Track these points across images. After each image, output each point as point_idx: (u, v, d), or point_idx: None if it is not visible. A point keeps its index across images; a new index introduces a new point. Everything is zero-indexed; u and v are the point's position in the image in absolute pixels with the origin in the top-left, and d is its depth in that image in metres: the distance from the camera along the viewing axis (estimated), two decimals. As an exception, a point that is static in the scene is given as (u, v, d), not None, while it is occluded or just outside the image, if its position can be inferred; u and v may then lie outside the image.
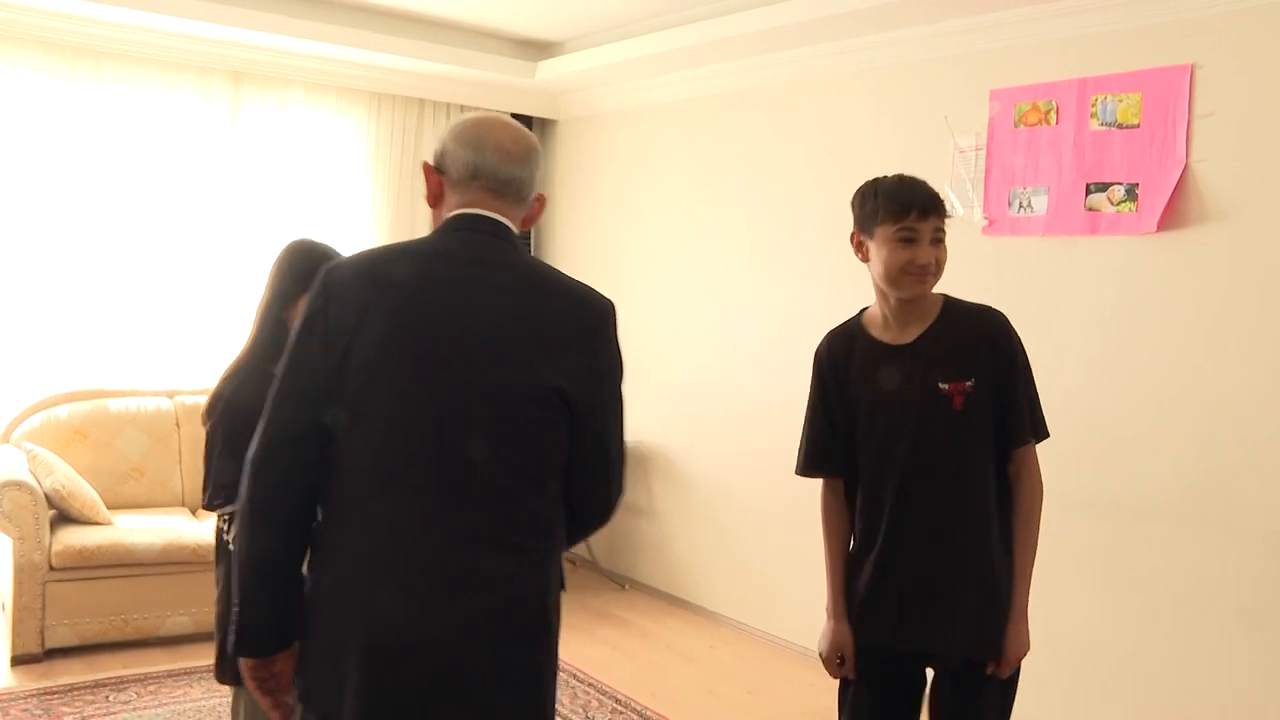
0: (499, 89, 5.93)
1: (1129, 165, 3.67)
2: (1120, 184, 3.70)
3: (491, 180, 1.82)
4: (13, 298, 4.83)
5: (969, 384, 2.23)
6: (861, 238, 2.35)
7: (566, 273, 1.90)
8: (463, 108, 5.97)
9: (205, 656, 3.91)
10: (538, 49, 5.72)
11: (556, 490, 1.82)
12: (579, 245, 6.20)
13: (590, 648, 4.76)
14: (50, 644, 4.23)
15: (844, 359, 2.41)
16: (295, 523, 1.76)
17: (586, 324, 1.83)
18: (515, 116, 6.03)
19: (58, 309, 4.93)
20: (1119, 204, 3.71)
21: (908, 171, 2.29)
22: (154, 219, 5.11)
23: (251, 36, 4.99)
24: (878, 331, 2.37)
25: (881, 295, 2.36)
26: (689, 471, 5.42)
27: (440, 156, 1.87)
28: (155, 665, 4.20)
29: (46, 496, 4.29)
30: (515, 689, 1.75)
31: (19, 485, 4.19)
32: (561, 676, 4.36)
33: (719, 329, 5.25)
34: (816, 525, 2.54)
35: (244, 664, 1.80)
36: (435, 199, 1.88)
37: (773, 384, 4.94)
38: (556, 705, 1.88)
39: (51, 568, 4.20)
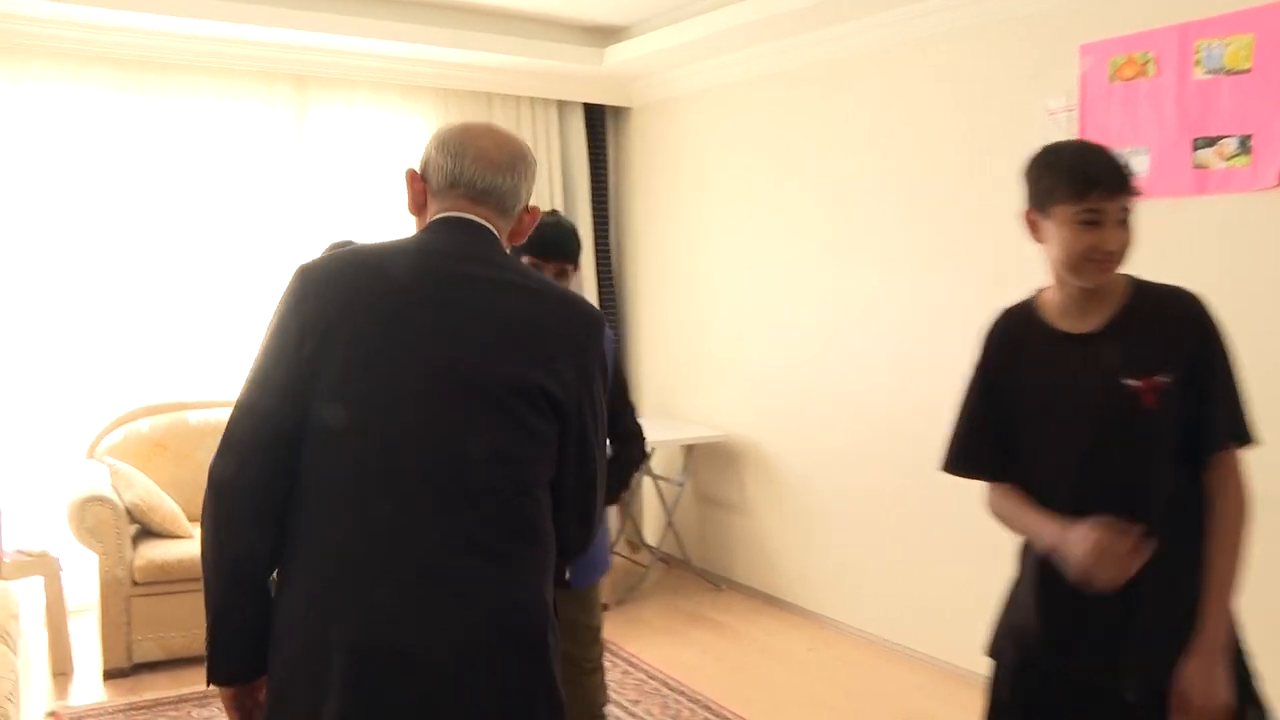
0: (567, 78, 5.78)
1: (1240, 115, 3.34)
2: (1231, 136, 3.37)
3: (469, 189, 1.76)
4: (92, 313, 4.85)
5: (1163, 378, 1.92)
6: (1036, 216, 2.03)
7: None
8: (532, 100, 5.85)
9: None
10: (605, 34, 5.56)
11: (549, 503, 1.72)
12: (656, 235, 6.02)
13: (682, 652, 4.58)
14: (137, 658, 4.23)
15: (1017, 345, 2.13)
16: (267, 524, 1.64)
17: (578, 330, 1.77)
18: (587, 106, 6.02)
19: (136, 323, 4.94)
20: (1231, 158, 3.38)
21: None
22: (225, 229, 5.09)
23: (315, 39, 4.93)
24: (1054, 317, 2.07)
25: (1059, 280, 2.05)
26: (780, 464, 5.20)
27: (424, 164, 1.81)
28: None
29: (128, 511, 4.28)
30: (502, 713, 1.61)
31: (101, 500, 4.20)
32: (651, 684, 4.20)
33: (800, 314, 5.02)
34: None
35: (224, 695, 1.70)
36: (417, 207, 1.82)
37: (858, 371, 4.70)
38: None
39: (135, 582, 4.20)
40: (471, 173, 1.76)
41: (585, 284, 6.02)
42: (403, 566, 1.58)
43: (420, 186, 1.81)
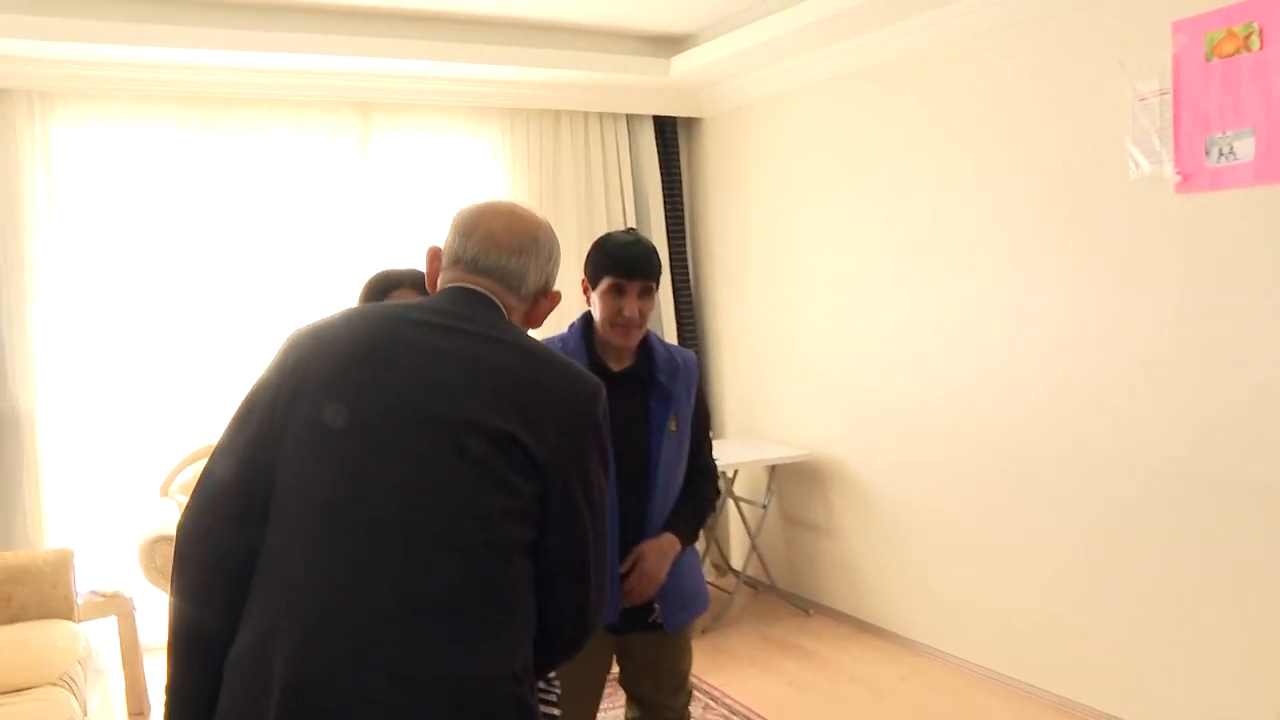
0: (634, 91, 5.64)
1: (1354, 89, 3.03)
2: (1344, 113, 3.06)
3: (471, 265, 1.75)
4: (165, 351, 4.87)
5: None
6: None
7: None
8: (600, 115, 5.72)
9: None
10: (670, 44, 5.40)
11: (528, 569, 1.59)
12: (734, 248, 5.82)
13: (766, 683, 4.37)
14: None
15: None
16: (226, 591, 1.55)
17: (570, 395, 1.66)
18: (657, 118, 5.87)
19: (208, 360, 4.93)
20: (1344, 137, 3.06)
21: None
22: (291, 262, 5.06)
23: (378, 64, 4.88)
24: None
25: None
26: (867, 483, 4.95)
27: (446, 242, 1.82)
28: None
29: (199, 549, 4.24)
30: None
31: (171, 540, 4.15)
32: (732, 719, 4.00)
33: (884, 324, 4.77)
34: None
35: None
36: (431, 283, 1.82)
37: (946, 382, 4.44)
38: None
39: (206, 620, 4.15)
40: (474, 252, 1.75)
41: (662, 301, 5.86)
42: (349, 622, 1.46)
43: (436, 265, 1.81)
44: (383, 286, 2.47)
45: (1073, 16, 3.83)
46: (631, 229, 2.63)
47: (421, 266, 2.10)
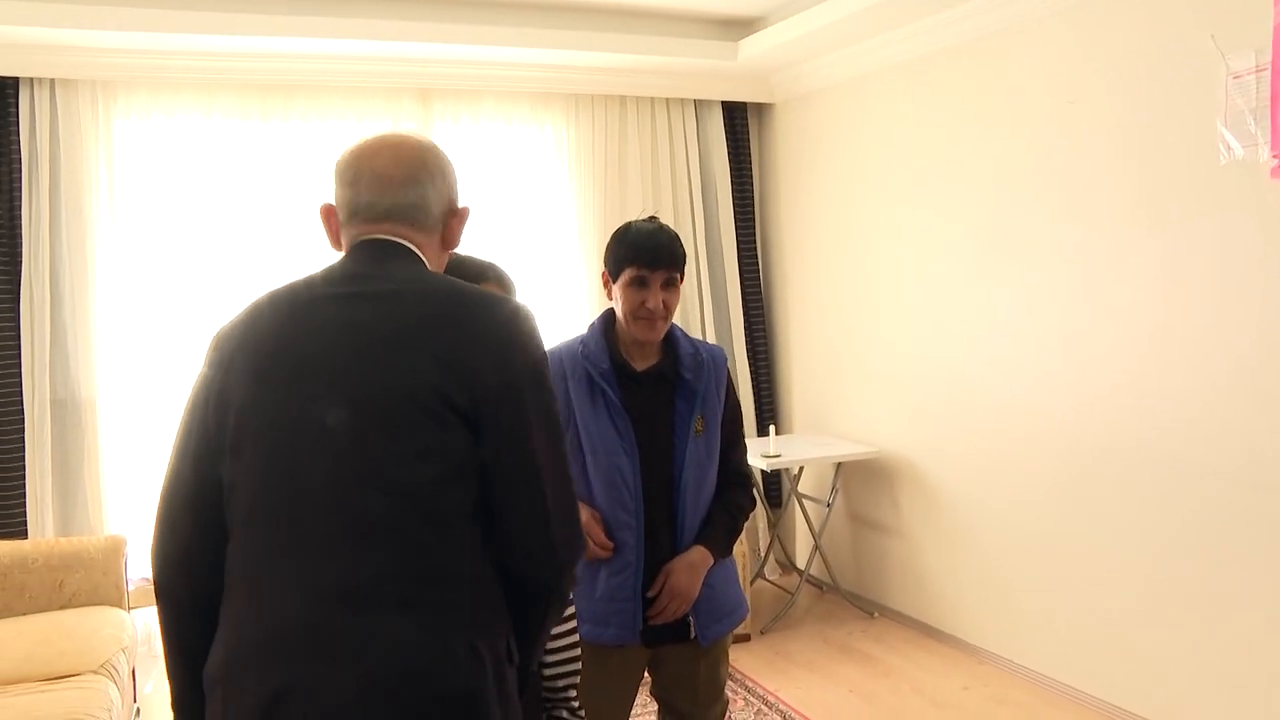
0: (702, 75, 5.49)
1: None
2: None
3: (367, 211, 1.64)
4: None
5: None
6: None
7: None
8: (667, 101, 5.58)
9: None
10: (738, 27, 5.23)
11: (476, 538, 1.50)
12: (804, 238, 5.63)
13: (825, 691, 4.21)
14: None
15: None
16: (202, 608, 1.53)
17: (496, 330, 1.55)
18: (725, 104, 5.71)
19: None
20: None
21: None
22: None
23: (440, 50, 4.79)
24: None
25: None
26: (937, 482, 4.74)
27: (335, 197, 1.71)
28: None
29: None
30: None
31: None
32: (787, 727, 3.86)
33: (958, 318, 4.55)
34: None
35: None
36: (336, 243, 1.72)
37: (1021, 380, 4.22)
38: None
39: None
40: (368, 197, 1.64)
41: (730, 292, 5.70)
42: (298, 621, 1.43)
43: (334, 222, 1.70)
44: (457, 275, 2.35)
45: (1159, -10, 3.58)
46: (653, 216, 2.48)
47: (489, 257, 2.05)
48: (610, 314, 2.45)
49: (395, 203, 1.64)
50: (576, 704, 2.00)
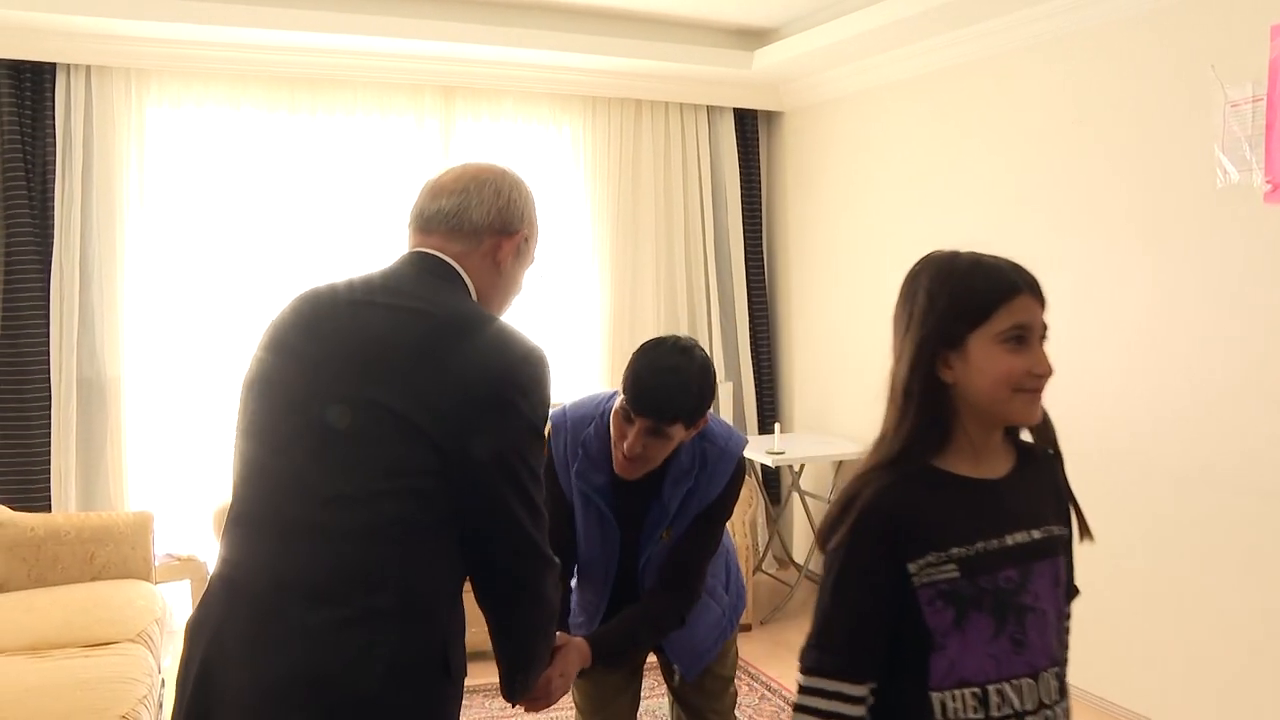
0: (716, 82, 5.65)
1: None
2: None
3: (417, 220, 1.74)
4: (246, 328, 4.93)
5: None
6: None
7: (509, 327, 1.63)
8: (680, 106, 5.74)
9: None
10: (754, 37, 5.40)
11: (425, 549, 1.52)
12: (809, 243, 5.80)
13: None
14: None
15: None
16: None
17: (477, 361, 1.55)
18: (736, 110, 5.87)
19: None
20: None
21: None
22: (373, 245, 5.12)
23: (463, 50, 4.93)
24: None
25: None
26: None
27: None
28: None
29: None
30: None
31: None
32: (789, 712, 4.00)
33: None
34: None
35: None
36: None
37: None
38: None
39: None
40: (420, 205, 1.74)
41: (736, 295, 5.87)
42: (245, 607, 1.52)
43: None
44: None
45: (1164, 19, 3.76)
46: (688, 348, 2.18)
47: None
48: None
49: (438, 209, 1.70)
50: None
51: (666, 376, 2.10)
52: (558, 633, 2.01)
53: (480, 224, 1.70)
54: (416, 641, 1.51)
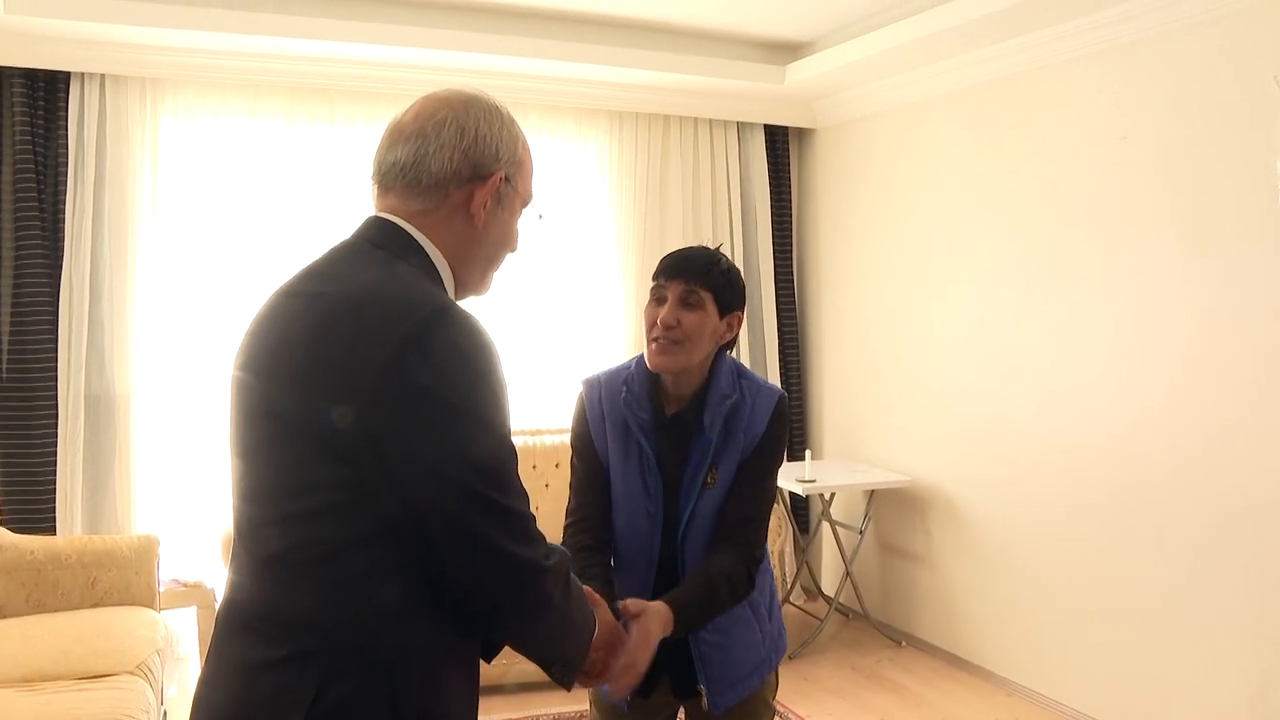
0: (746, 98, 5.49)
1: None
2: None
3: (375, 175, 1.47)
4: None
5: None
6: None
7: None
8: (710, 122, 5.59)
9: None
10: (786, 51, 5.24)
11: (364, 585, 1.28)
12: (842, 262, 5.63)
13: (853, 717, 4.16)
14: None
15: None
16: None
17: (388, 335, 1.25)
18: (767, 127, 5.70)
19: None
20: None
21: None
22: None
23: (485, 61, 4.79)
24: None
25: None
26: (971, 513, 4.71)
27: None
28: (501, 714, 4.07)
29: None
30: None
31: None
32: (818, 754, 3.82)
33: (997, 348, 4.53)
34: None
35: None
36: None
37: (1061, 410, 4.19)
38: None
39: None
40: (376, 160, 1.47)
41: (765, 317, 5.69)
42: (214, 640, 1.41)
43: None
44: None
45: (1219, 28, 3.57)
46: (719, 246, 2.24)
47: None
48: None
49: (394, 161, 1.43)
50: None
51: (693, 249, 2.16)
52: (631, 601, 1.88)
53: (442, 174, 1.42)
54: (347, 683, 1.26)
